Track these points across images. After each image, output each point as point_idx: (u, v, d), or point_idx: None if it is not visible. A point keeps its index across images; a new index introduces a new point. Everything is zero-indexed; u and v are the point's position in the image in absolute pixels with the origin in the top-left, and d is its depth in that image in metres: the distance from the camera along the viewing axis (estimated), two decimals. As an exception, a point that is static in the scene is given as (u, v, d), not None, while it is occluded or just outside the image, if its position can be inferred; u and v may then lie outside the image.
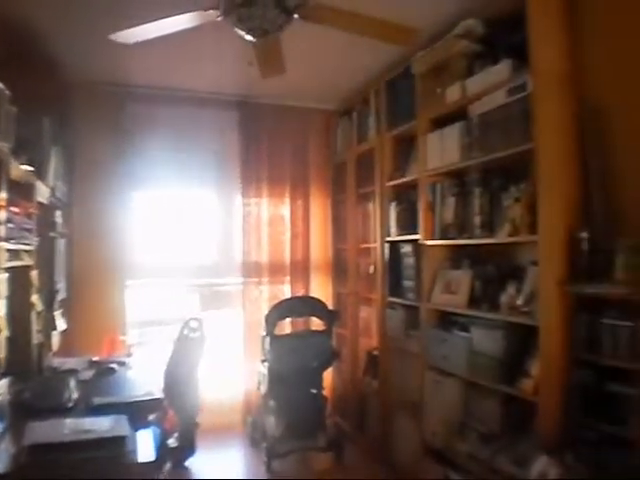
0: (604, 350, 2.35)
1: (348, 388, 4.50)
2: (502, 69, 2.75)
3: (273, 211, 4.75)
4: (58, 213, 3.55)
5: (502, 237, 2.75)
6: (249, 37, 2.40)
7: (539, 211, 2.49)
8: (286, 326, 4.42)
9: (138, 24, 2.43)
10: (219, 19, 2.34)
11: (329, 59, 3.79)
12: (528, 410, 2.57)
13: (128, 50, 2.74)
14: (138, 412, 2.31)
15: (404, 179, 3.66)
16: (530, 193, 2.58)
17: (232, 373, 4.64)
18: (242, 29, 2.35)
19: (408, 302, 3.57)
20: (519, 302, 2.69)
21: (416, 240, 3.43)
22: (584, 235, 2.47)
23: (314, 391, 3.92)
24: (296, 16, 2.35)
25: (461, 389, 3.04)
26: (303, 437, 3.83)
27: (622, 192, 2.54)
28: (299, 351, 3.83)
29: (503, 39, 2.86)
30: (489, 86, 2.82)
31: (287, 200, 4.80)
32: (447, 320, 3.23)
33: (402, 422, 3.64)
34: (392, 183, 3.82)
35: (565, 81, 2.65)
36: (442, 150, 3.20)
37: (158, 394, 2.66)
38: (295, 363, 3.79)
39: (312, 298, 4.32)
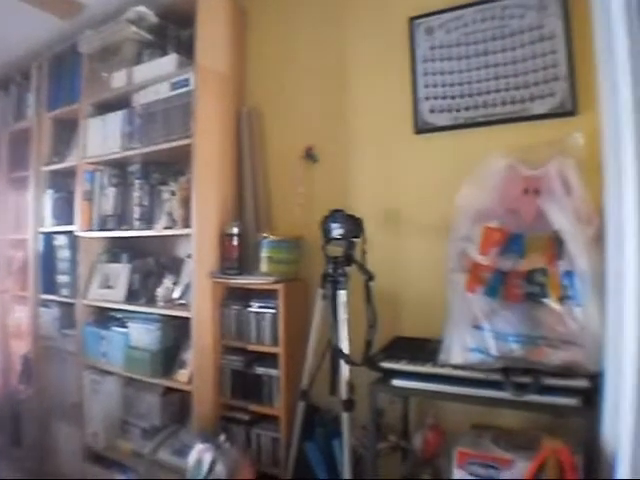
0: (251, 336, 2.54)
1: (0, 399, 3.97)
2: (168, 62, 2.73)
3: None
4: None
5: (159, 230, 2.73)
6: None
7: (193, 205, 2.54)
8: None
9: None
10: None
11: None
12: (188, 400, 2.62)
13: None
14: None
15: (63, 165, 3.35)
16: (186, 187, 2.62)
17: None
18: None
19: (64, 299, 3.28)
20: (176, 295, 2.73)
21: (73, 231, 3.18)
22: (235, 230, 2.62)
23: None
24: None
25: (121, 386, 2.96)
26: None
27: (271, 190, 2.79)
28: None
29: (173, 32, 2.87)
30: (155, 77, 2.77)
31: None
32: (106, 316, 3.08)
33: (62, 427, 3.36)
34: (49, 168, 3.45)
35: (227, 83, 2.79)
36: (104, 137, 3.02)
37: None
38: None
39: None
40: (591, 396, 1.68)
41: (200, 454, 2.34)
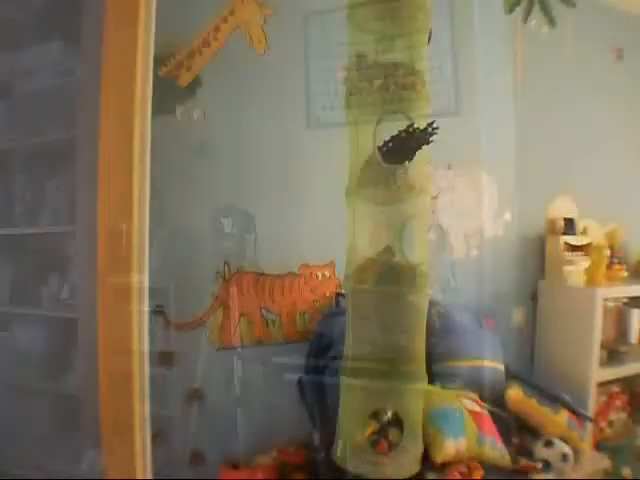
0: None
1: None
2: (54, 48, 2.62)
3: None
4: None
5: (43, 227, 2.61)
6: None
7: (79, 201, 2.44)
8: None
9: None
10: None
11: None
12: (81, 405, 2.50)
13: None
14: None
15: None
16: (72, 182, 2.51)
17: None
18: None
19: (-61, 302, 3.06)
20: (63, 295, 2.62)
21: (-53, 229, 2.96)
22: (124, 227, 2.53)
23: None
24: None
25: (7, 394, 2.79)
26: None
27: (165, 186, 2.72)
28: None
29: (61, 17, 2.68)
30: (39, 64, 2.63)
31: None
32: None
33: (-58, 440, 3.15)
34: None
35: (118, 74, 2.66)
36: (-18, 127, 2.84)
37: None
38: None
39: None
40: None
41: (92, 462, 2.27)
